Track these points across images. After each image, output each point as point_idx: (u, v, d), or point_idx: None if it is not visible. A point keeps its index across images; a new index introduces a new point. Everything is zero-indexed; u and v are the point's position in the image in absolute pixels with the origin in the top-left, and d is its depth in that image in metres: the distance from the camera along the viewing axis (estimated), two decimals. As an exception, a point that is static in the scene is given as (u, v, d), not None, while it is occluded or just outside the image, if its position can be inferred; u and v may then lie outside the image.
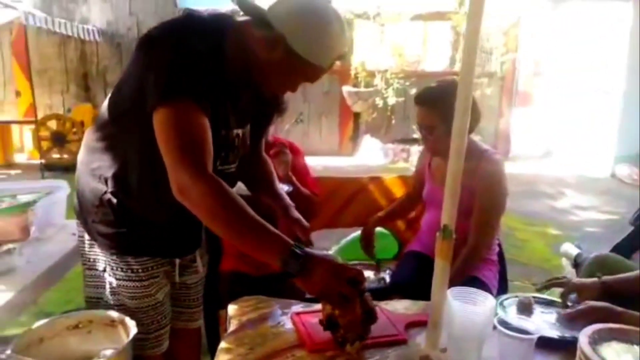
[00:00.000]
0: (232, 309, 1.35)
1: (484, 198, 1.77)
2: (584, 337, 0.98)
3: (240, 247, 1.16)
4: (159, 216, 1.34)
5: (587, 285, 1.42)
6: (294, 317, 1.28)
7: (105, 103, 1.33)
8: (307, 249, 1.11)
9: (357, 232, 2.25)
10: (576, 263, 2.61)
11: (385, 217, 2.14)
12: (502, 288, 1.92)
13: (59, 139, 6.94)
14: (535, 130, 8.35)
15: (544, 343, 1.13)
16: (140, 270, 1.36)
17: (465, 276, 1.72)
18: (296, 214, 1.48)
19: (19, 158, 7.56)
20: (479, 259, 1.80)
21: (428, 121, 1.78)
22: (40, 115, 6.79)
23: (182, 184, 1.11)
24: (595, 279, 1.43)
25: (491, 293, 1.67)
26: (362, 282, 1.12)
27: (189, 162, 1.11)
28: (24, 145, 7.83)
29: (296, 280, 1.10)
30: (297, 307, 1.35)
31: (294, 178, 2.01)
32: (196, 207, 1.12)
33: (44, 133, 6.84)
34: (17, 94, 7.63)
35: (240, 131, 1.37)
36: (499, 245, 1.98)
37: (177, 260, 1.46)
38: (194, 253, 1.54)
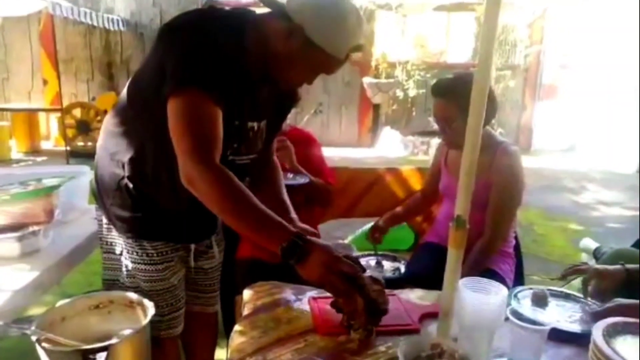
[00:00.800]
0: (247, 293, 1.37)
1: (499, 190, 1.76)
2: (597, 330, 0.97)
3: (245, 234, 1.18)
4: (173, 202, 1.36)
5: (610, 272, 1.37)
6: (312, 301, 1.30)
7: (125, 88, 1.36)
8: (310, 238, 1.12)
9: (373, 223, 2.25)
10: (596, 256, 2.56)
11: (399, 216, 2.13)
12: (519, 281, 1.90)
13: (83, 127, 7.10)
14: (560, 123, 8.18)
15: (557, 335, 1.12)
16: (155, 255, 1.39)
17: (481, 269, 1.72)
18: (301, 225, 1.41)
19: (45, 145, 7.72)
20: (494, 251, 1.79)
21: (445, 113, 1.77)
22: (65, 103, 6.94)
23: (189, 173, 1.14)
24: (619, 266, 1.39)
25: (507, 286, 1.66)
26: (358, 277, 1.11)
27: (197, 151, 1.14)
28: (50, 132, 8.01)
29: (296, 269, 1.12)
30: (312, 293, 1.36)
31: (301, 168, 2.01)
32: (203, 195, 1.15)
33: (69, 121, 7.00)
34: (44, 82, 7.81)
35: (256, 124, 1.38)
36: (516, 238, 1.97)
37: (192, 246, 1.49)
38: (210, 239, 1.56)
